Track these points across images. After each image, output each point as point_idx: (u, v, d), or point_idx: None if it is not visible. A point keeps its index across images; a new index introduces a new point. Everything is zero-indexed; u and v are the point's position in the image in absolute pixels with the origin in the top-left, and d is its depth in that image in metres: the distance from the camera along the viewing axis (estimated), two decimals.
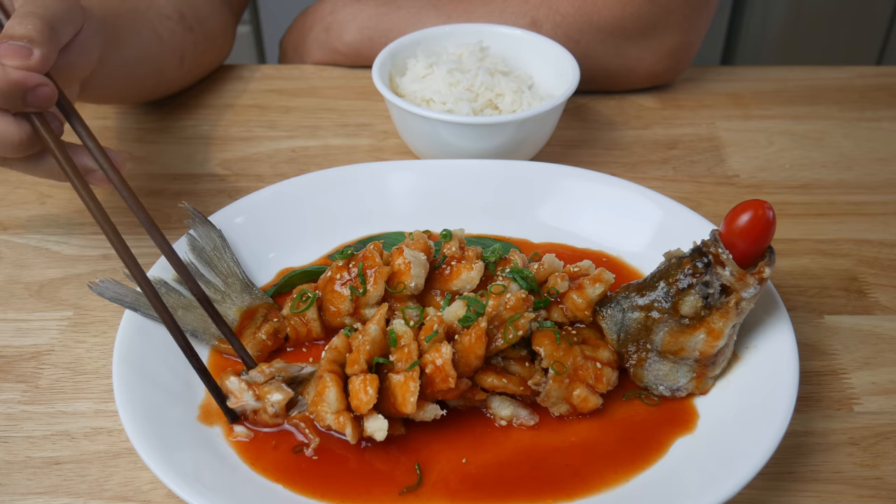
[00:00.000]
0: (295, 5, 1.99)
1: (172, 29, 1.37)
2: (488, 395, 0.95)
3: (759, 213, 0.89)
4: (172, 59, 1.39)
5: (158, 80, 1.40)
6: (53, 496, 0.90)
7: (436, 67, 1.33)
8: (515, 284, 0.98)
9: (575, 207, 1.18)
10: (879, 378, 1.04)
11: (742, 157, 1.41)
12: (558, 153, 1.40)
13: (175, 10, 1.39)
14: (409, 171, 1.21)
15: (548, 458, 0.91)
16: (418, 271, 1.00)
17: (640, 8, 1.42)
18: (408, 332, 0.93)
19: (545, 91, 1.38)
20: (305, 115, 1.49)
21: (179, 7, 1.40)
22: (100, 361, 1.05)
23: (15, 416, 0.98)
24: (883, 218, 1.28)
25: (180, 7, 1.41)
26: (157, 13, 1.35)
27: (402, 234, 1.15)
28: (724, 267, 0.91)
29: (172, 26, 1.38)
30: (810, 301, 1.14)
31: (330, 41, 1.60)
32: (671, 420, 0.94)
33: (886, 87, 1.58)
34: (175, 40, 1.38)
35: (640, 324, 0.96)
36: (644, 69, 1.50)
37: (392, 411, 0.90)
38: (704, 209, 1.29)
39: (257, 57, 2.76)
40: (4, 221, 1.26)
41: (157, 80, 1.39)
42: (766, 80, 1.60)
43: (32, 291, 1.14)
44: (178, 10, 1.40)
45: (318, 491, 0.87)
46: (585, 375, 0.93)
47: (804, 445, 0.96)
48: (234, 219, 1.13)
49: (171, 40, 1.37)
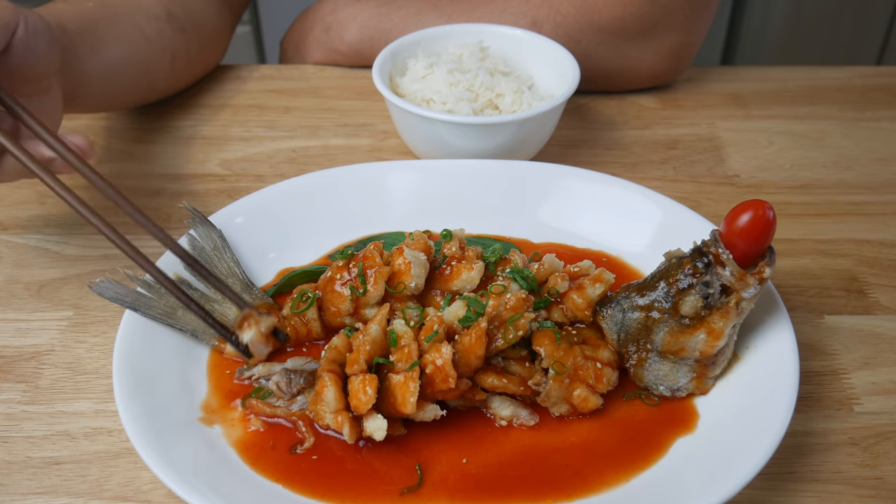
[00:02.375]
0: (295, 5, 1.99)
1: (160, 29, 1.36)
2: (488, 395, 0.95)
3: (759, 213, 0.89)
4: (163, 60, 1.38)
5: (150, 83, 1.39)
6: (53, 496, 0.90)
7: (436, 67, 1.33)
8: (515, 284, 0.98)
9: (575, 207, 1.18)
10: (879, 378, 1.04)
11: (742, 157, 1.41)
12: (558, 153, 1.40)
13: (163, 10, 1.38)
14: (409, 171, 1.21)
15: (548, 458, 0.91)
16: (418, 271, 1.00)
17: (641, 8, 1.42)
18: (408, 332, 0.93)
19: (545, 91, 1.38)
20: (305, 115, 1.49)
21: (168, 7, 1.39)
22: (100, 361, 1.05)
23: (15, 416, 0.98)
24: (883, 218, 1.28)
25: (169, 7, 1.39)
26: (144, 14, 1.34)
27: (402, 234, 1.15)
28: (725, 267, 0.91)
29: (160, 26, 1.37)
30: (810, 301, 1.14)
31: (330, 41, 1.60)
32: (671, 420, 0.94)
33: (886, 87, 1.58)
34: (164, 41, 1.37)
35: (640, 324, 0.96)
36: (644, 69, 1.50)
37: (392, 411, 0.90)
38: (704, 209, 1.29)
39: (257, 57, 2.76)
40: (4, 221, 1.26)
41: (148, 82, 1.38)
42: (766, 80, 1.60)
43: (32, 291, 1.14)
44: (167, 9, 1.39)
45: (318, 491, 0.87)
46: (585, 375, 0.93)
47: (804, 445, 0.96)
48: (235, 219, 1.13)
49: (160, 41, 1.36)
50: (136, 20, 1.32)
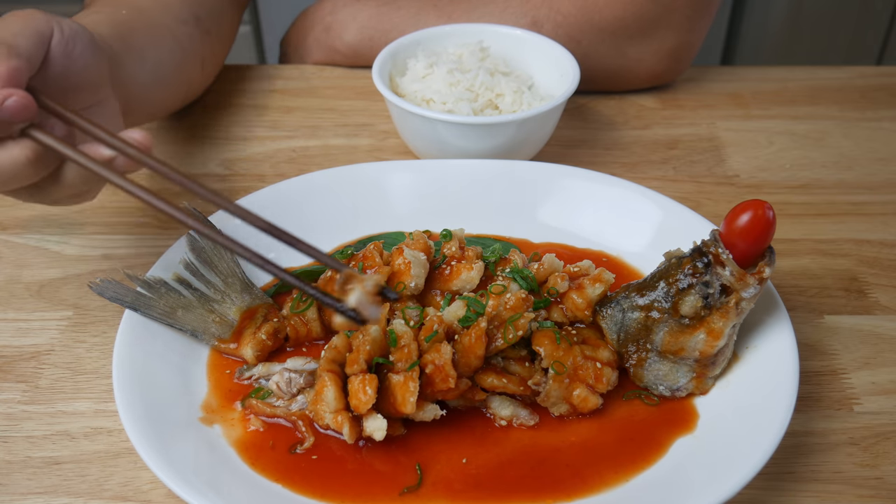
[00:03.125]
0: (295, 5, 1.99)
1: (190, 34, 1.35)
2: (488, 395, 0.95)
3: (759, 213, 0.89)
4: (195, 64, 1.37)
5: (187, 87, 1.38)
6: (53, 496, 0.90)
7: (436, 67, 1.33)
8: (515, 284, 0.98)
9: (575, 207, 1.18)
10: (879, 378, 1.04)
11: (742, 157, 1.41)
12: (558, 153, 1.40)
13: (191, 14, 1.36)
14: (409, 171, 1.21)
15: (548, 458, 0.91)
16: (418, 271, 1.00)
17: (643, 7, 1.42)
18: (408, 332, 0.93)
19: (545, 91, 1.38)
20: (306, 115, 1.49)
21: (194, 10, 1.37)
22: (100, 361, 1.05)
23: (15, 416, 0.98)
24: (883, 218, 1.28)
25: (195, 10, 1.38)
26: (174, 19, 1.32)
27: (402, 234, 1.15)
28: (724, 267, 0.91)
29: (189, 31, 1.35)
30: (810, 301, 1.14)
31: (330, 41, 1.60)
32: (671, 420, 0.94)
33: (886, 87, 1.58)
34: (194, 45, 1.36)
35: (640, 324, 0.96)
36: (645, 69, 1.50)
37: (392, 411, 0.90)
38: (704, 209, 1.29)
39: (257, 57, 2.76)
40: (4, 221, 1.26)
41: (186, 87, 1.37)
42: (766, 80, 1.60)
43: (32, 291, 1.14)
44: (194, 13, 1.37)
45: (318, 491, 0.87)
46: (585, 375, 0.93)
47: (804, 445, 0.96)
48: (235, 219, 1.12)
49: (191, 45, 1.34)
50: (168, 25, 1.30)
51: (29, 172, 0.87)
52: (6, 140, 0.86)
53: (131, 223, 1.25)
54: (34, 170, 0.88)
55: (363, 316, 0.80)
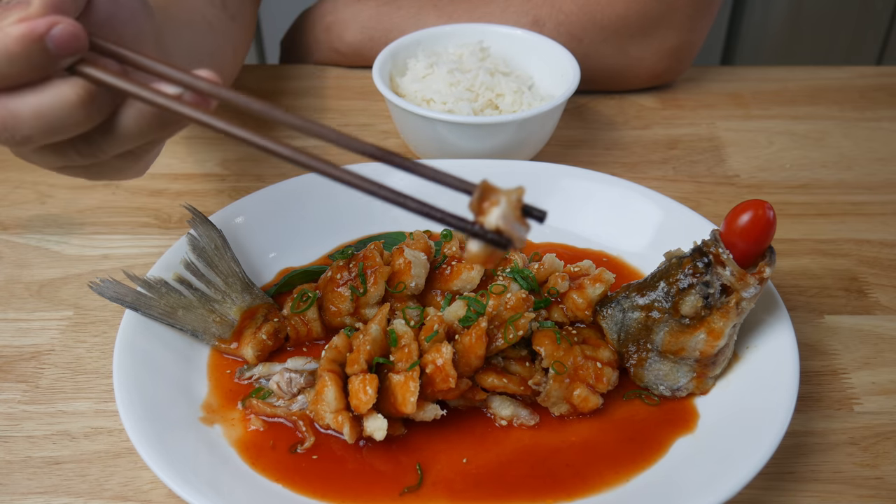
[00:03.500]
0: (295, 5, 1.99)
1: (219, 17, 1.30)
2: (488, 395, 0.95)
3: (759, 213, 0.89)
4: (228, 50, 1.33)
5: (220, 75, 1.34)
6: (53, 496, 0.90)
7: (436, 67, 1.33)
8: (516, 284, 0.98)
9: (575, 207, 1.18)
10: (879, 378, 1.04)
11: (742, 157, 1.41)
12: (558, 153, 1.40)
13: None
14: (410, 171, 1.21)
15: (548, 458, 0.91)
16: (419, 271, 1.00)
17: (645, 6, 1.42)
18: (408, 332, 0.93)
19: (545, 91, 1.38)
20: (306, 114, 1.49)
21: None
22: (100, 361, 1.05)
23: (15, 416, 0.98)
24: (883, 218, 1.28)
25: None
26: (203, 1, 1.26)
27: (402, 234, 1.15)
28: (725, 267, 0.91)
29: (218, 13, 1.30)
30: (810, 301, 1.14)
31: (330, 41, 1.60)
32: (671, 420, 0.94)
33: (886, 87, 1.58)
34: (224, 28, 1.31)
35: (640, 324, 0.96)
36: (646, 68, 1.50)
37: (392, 411, 0.90)
38: (704, 209, 1.29)
39: (257, 57, 2.76)
40: (4, 221, 1.26)
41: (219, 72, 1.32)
42: (766, 80, 1.60)
43: (32, 291, 1.14)
44: None
45: (318, 491, 0.87)
46: (586, 375, 0.93)
47: (804, 445, 0.96)
48: (235, 219, 1.13)
49: (221, 28, 1.30)
50: (199, 8, 1.24)
51: (80, 116, 0.75)
52: (52, 78, 0.74)
53: (131, 223, 1.25)
54: (86, 112, 0.75)
55: (509, 235, 0.65)
